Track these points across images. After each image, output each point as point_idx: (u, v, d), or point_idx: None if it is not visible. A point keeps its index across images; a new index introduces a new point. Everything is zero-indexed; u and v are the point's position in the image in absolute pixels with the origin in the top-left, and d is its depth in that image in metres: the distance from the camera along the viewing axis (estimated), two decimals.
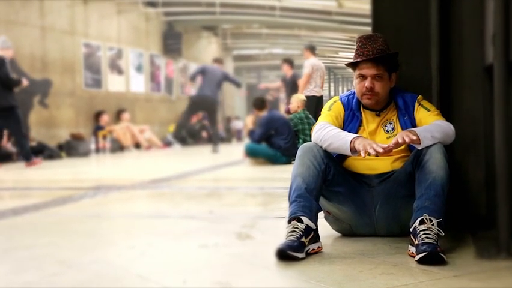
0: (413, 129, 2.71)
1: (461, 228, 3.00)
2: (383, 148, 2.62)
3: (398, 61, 2.91)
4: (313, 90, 6.24)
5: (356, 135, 2.76)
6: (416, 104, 2.87)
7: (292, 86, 8.15)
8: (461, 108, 3.15)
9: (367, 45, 2.82)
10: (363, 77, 2.85)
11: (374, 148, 2.60)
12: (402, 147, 2.78)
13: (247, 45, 23.97)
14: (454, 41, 3.14)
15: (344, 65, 7.32)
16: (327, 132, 2.79)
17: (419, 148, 2.70)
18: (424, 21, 3.16)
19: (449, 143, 2.76)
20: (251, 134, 8.55)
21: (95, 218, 4.06)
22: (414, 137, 2.62)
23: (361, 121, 2.91)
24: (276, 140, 8.07)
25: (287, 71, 8.64)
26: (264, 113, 8.41)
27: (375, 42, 2.82)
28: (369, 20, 3.46)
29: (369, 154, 2.66)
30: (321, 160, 2.73)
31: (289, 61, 8.77)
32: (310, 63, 6.46)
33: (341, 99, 2.99)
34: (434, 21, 3.13)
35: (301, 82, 6.50)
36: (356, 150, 2.67)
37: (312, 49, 6.94)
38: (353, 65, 2.88)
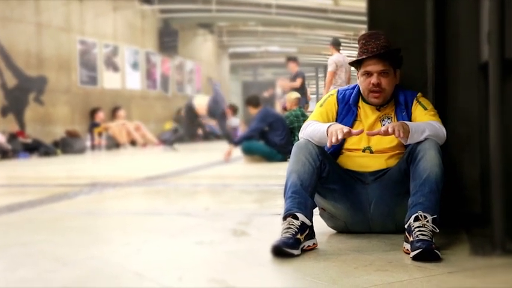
0: (408, 123, 2.71)
1: (456, 225, 3.01)
2: (352, 133, 2.66)
3: (401, 57, 2.92)
4: (339, 87, 6.29)
5: (330, 123, 2.77)
6: (415, 101, 2.88)
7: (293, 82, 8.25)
8: (456, 105, 3.16)
9: (371, 42, 2.83)
10: (368, 74, 2.85)
11: (338, 133, 2.62)
12: (395, 142, 2.79)
13: (243, 43, 23.96)
14: (449, 38, 3.15)
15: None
16: (308, 129, 2.82)
17: (405, 143, 2.71)
18: (420, 19, 3.17)
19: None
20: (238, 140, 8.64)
21: (91, 215, 4.06)
22: (403, 136, 2.62)
23: (357, 115, 2.92)
24: (271, 137, 8.09)
25: (293, 68, 8.74)
26: (257, 110, 8.47)
27: (378, 39, 2.84)
28: (365, 18, 3.46)
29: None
30: (316, 157, 2.73)
31: (293, 59, 8.89)
32: (333, 60, 6.45)
33: (337, 92, 3.00)
34: (430, 19, 3.13)
35: (326, 80, 6.51)
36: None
37: (337, 45, 6.93)
38: (358, 63, 2.89)
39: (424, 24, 3.16)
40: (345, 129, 2.66)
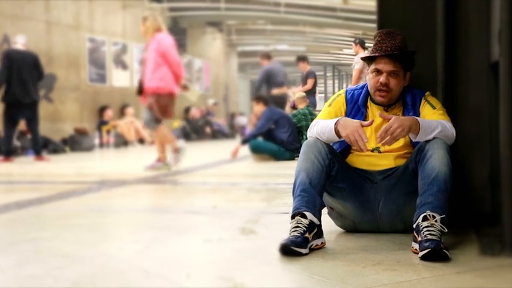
0: (419, 119, 2.67)
1: (465, 224, 3.00)
2: (364, 124, 2.67)
3: (414, 60, 2.90)
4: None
5: (338, 118, 2.76)
6: (423, 100, 2.86)
7: (304, 83, 8.26)
8: (467, 105, 3.14)
9: (386, 41, 2.80)
10: (378, 72, 2.83)
11: (359, 143, 2.62)
12: (403, 142, 2.77)
13: (252, 42, 23.92)
14: (460, 37, 3.13)
15: (348, 62, 7.30)
16: (316, 127, 2.80)
17: (413, 140, 2.70)
18: (430, 18, 3.16)
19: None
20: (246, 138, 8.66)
21: (99, 212, 4.07)
22: (396, 139, 2.61)
23: (366, 116, 2.91)
24: (277, 134, 8.08)
25: (304, 68, 8.75)
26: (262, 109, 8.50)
27: (394, 38, 2.81)
28: (374, 17, 3.45)
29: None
30: (325, 155, 2.72)
31: (303, 58, 8.91)
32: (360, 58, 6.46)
33: (346, 92, 2.98)
34: (440, 18, 3.12)
35: (353, 77, 6.53)
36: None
37: (362, 44, 6.94)
38: (369, 60, 2.88)
39: (434, 23, 3.15)
40: (360, 129, 2.63)
